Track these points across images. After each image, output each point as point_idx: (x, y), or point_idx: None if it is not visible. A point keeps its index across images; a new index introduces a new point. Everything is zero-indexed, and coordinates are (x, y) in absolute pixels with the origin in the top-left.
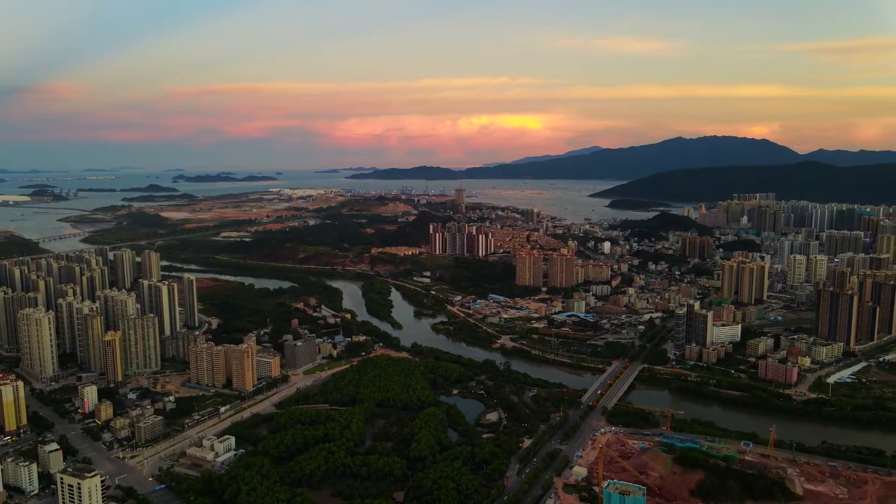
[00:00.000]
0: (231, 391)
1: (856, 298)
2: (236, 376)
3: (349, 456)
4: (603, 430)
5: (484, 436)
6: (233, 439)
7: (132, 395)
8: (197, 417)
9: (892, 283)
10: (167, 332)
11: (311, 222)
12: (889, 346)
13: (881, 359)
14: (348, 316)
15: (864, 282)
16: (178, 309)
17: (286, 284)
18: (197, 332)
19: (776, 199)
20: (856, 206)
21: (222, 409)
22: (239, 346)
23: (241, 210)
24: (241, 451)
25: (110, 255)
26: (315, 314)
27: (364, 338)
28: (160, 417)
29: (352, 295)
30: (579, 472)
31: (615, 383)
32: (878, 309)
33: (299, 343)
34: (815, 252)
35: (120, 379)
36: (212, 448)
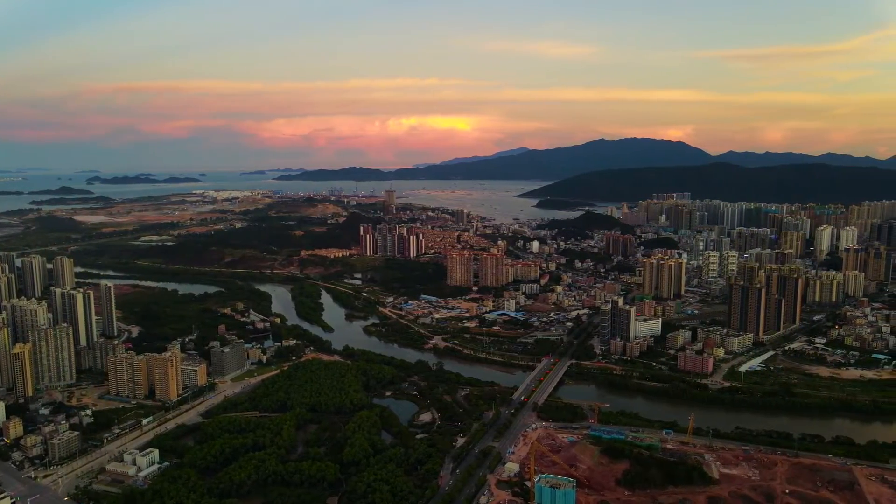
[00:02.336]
0: (154, 402)
1: (763, 291)
2: (159, 386)
3: (280, 463)
4: (534, 426)
5: (418, 437)
6: (156, 452)
7: (45, 411)
8: (117, 431)
9: (794, 276)
10: (83, 342)
11: (238, 225)
12: (793, 336)
13: (786, 347)
14: (278, 320)
15: (770, 276)
16: (94, 318)
17: (212, 289)
18: (116, 342)
19: (691, 199)
20: (762, 205)
21: (144, 421)
22: (162, 354)
23: (162, 213)
24: (166, 463)
25: (18, 262)
26: (243, 319)
27: (294, 342)
28: (76, 433)
29: (281, 298)
30: (512, 468)
31: (545, 379)
32: (783, 301)
33: (227, 349)
34: (726, 248)
35: (30, 393)
36: (133, 462)
